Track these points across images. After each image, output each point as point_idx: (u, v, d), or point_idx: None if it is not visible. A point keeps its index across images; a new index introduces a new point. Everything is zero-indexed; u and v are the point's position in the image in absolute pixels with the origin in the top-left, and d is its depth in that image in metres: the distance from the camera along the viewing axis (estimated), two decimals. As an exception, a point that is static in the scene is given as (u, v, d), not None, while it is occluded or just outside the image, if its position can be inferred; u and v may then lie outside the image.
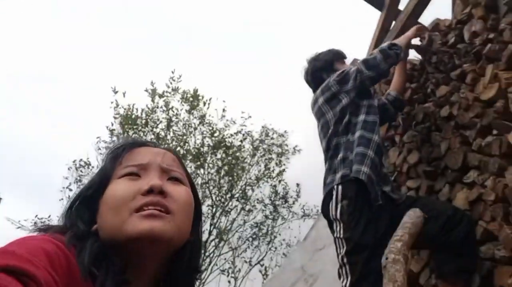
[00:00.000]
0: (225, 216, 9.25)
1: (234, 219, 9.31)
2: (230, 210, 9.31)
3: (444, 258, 1.82)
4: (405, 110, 2.56)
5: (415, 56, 2.70)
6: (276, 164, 9.57)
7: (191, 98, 9.35)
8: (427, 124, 2.31)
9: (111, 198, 0.72)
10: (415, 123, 2.43)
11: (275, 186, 9.54)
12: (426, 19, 3.06)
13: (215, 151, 8.98)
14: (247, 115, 9.56)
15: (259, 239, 9.28)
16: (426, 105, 2.35)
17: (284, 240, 9.41)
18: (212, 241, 8.95)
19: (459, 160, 1.97)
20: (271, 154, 9.54)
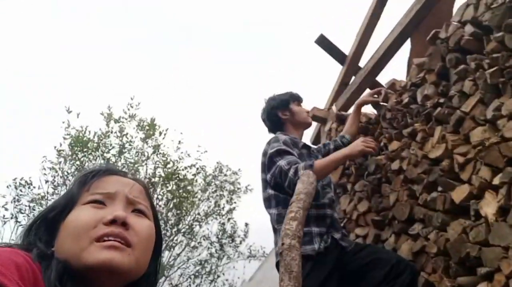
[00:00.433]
0: (169, 251, 8.96)
1: (178, 255, 9.03)
2: (174, 245, 9.04)
3: (386, 306, 1.88)
4: (358, 160, 2.69)
5: (372, 111, 2.87)
6: (227, 201, 9.50)
7: (147, 127, 9.22)
8: (378, 176, 2.42)
9: (73, 223, 0.72)
10: (367, 173, 2.55)
11: (223, 224, 9.42)
12: (382, 77, 3.29)
13: (166, 182, 8.80)
14: (203, 149, 9.54)
15: (202, 277, 9.03)
16: (379, 157, 2.47)
17: (227, 280, 9.21)
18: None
19: (406, 212, 2.07)
20: (222, 191, 9.48)
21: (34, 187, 8.50)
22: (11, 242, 0.73)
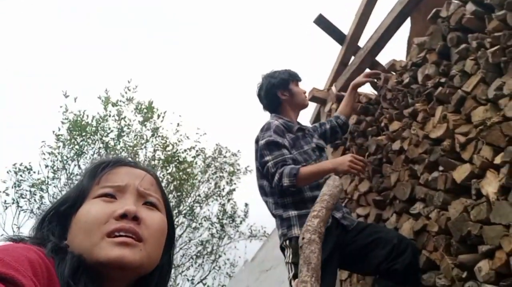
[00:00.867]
0: (171, 232, 9.04)
1: (179, 236, 9.11)
2: (176, 226, 9.10)
3: (388, 285, 1.92)
4: (359, 141, 2.70)
5: (372, 91, 2.86)
6: (226, 182, 9.54)
7: (145, 110, 9.18)
8: (379, 156, 2.44)
9: (84, 218, 0.72)
10: (367, 154, 2.55)
11: (223, 205, 9.49)
12: (382, 57, 3.27)
13: (166, 165, 8.82)
14: (202, 132, 9.53)
15: (203, 258, 9.14)
16: (379, 138, 2.48)
17: (228, 259, 9.33)
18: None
19: (407, 192, 2.09)
20: (222, 172, 9.51)
21: (34, 172, 8.49)
22: (14, 228, 0.73)
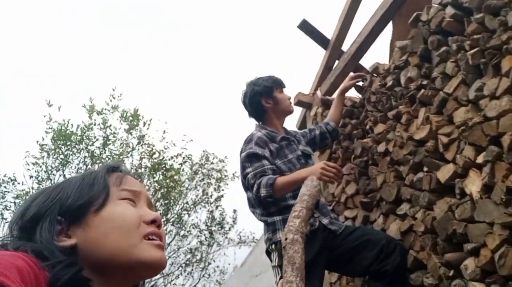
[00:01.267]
0: (159, 241, 8.97)
1: (168, 244, 9.04)
2: (164, 234, 9.05)
3: (378, 286, 1.93)
4: (345, 144, 2.73)
5: (356, 95, 2.90)
6: (214, 189, 9.52)
7: (131, 118, 9.13)
8: (365, 159, 2.46)
9: (121, 218, 0.73)
10: (353, 156, 2.58)
11: (212, 212, 9.46)
12: (366, 61, 3.31)
13: (152, 172, 8.77)
14: (189, 138, 9.51)
15: (193, 266, 9.08)
16: (365, 140, 2.51)
17: (218, 267, 9.29)
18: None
19: (393, 193, 2.12)
20: (210, 179, 9.49)
21: (19, 183, 8.38)
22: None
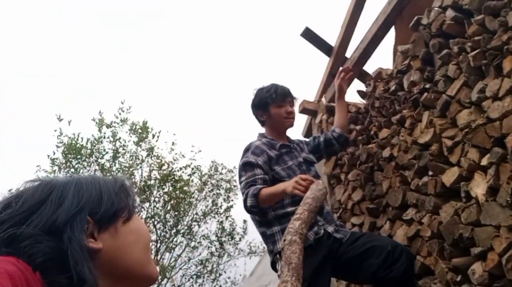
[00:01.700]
0: (169, 253, 8.97)
1: (178, 256, 9.04)
2: (174, 246, 9.05)
3: (385, 292, 1.91)
4: (350, 150, 2.71)
5: (360, 101, 2.89)
6: (224, 199, 9.51)
7: (140, 130, 9.20)
8: (370, 164, 2.44)
9: (144, 232, 0.75)
10: (359, 163, 2.57)
11: (222, 222, 9.44)
12: (369, 67, 3.30)
13: (162, 184, 8.79)
14: (197, 149, 9.54)
15: (204, 277, 9.05)
16: (370, 146, 2.49)
17: (229, 278, 9.24)
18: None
19: (399, 198, 2.10)
20: (219, 189, 9.49)
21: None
22: None
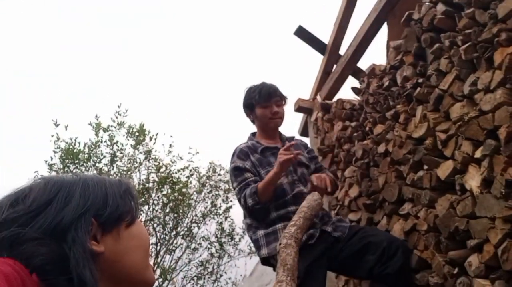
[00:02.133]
0: (170, 255, 8.96)
1: (179, 258, 9.03)
2: (174, 248, 9.05)
3: (381, 287, 1.92)
4: (346, 147, 2.72)
5: (355, 97, 2.90)
6: (223, 200, 9.51)
7: (137, 133, 9.18)
8: (366, 160, 2.45)
9: (145, 238, 0.75)
10: (355, 159, 2.57)
11: (221, 223, 9.43)
12: (363, 63, 3.31)
13: (160, 186, 8.78)
14: (195, 151, 9.52)
15: (205, 278, 9.04)
16: (365, 142, 2.50)
17: (230, 278, 9.24)
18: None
19: (395, 193, 2.10)
20: (218, 190, 9.48)
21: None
22: None
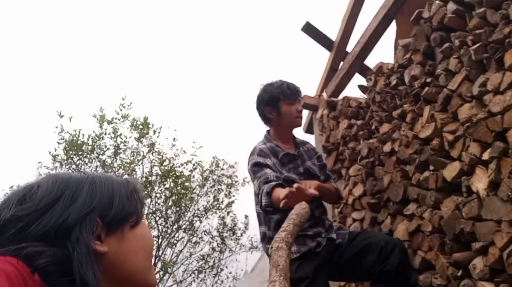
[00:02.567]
0: (171, 248, 8.98)
1: (180, 251, 9.05)
2: (176, 241, 9.06)
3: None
4: (351, 145, 2.70)
5: (361, 95, 2.88)
6: (225, 195, 9.50)
7: (141, 126, 9.18)
8: (371, 159, 2.44)
9: (149, 240, 0.74)
10: (360, 157, 2.56)
11: (223, 218, 9.43)
12: (370, 61, 3.29)
13: (163, 180, 8.79)
14: (198, 145, 9.51)
15: (205, 272, 9.06)
16: (371, 141, 2.49)
17: (230, 273, 9.25)
18: (156, 274, 8.61)
19: (400, 193, 2.09)
20: (220, 185, 9.47)
21: (32, 194, 8.45)
22: None
